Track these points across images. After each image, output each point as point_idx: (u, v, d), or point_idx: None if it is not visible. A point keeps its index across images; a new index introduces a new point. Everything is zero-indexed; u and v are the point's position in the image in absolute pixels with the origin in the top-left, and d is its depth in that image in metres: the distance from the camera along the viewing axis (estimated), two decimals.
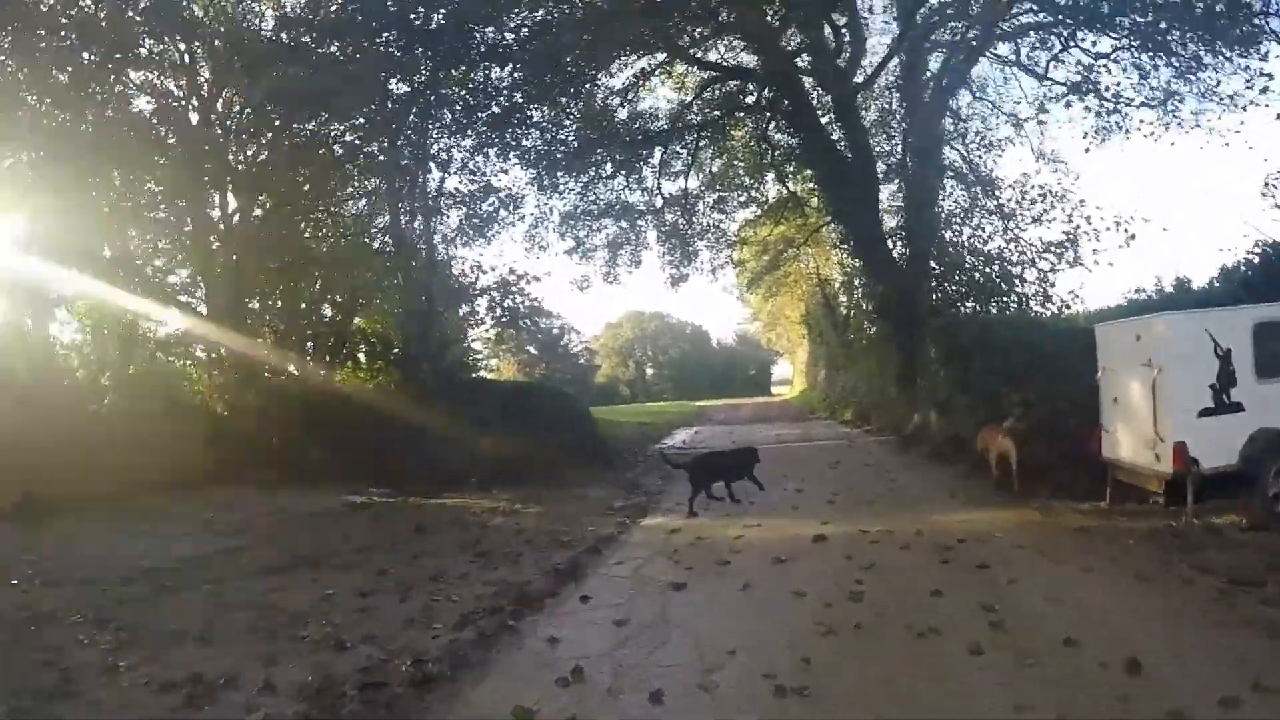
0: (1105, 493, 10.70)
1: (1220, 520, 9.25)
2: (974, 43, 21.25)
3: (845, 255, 29.29)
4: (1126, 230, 18.18)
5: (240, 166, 19.37)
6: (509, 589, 7.79)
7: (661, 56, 24.31)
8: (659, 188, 27.26)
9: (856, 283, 30.56)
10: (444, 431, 16.15)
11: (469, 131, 22.04)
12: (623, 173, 26.19)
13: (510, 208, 24.02)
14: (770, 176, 28.65)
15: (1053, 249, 19.11)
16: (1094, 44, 19.96)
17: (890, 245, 22.10)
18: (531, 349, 76.24)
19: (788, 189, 28.55)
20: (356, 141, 21.00)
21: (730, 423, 30.63)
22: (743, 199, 29.61)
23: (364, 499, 13.68)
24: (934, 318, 18.91)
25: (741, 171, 28.71)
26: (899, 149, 23.71)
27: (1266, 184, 15.79)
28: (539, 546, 9.80)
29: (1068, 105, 20.91)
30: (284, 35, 18.83)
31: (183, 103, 18.70)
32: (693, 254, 28.93)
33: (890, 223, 23.32)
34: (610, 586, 8.01)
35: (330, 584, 8.11)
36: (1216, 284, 14.34)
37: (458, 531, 10.99)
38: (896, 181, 24.02)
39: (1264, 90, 17.20)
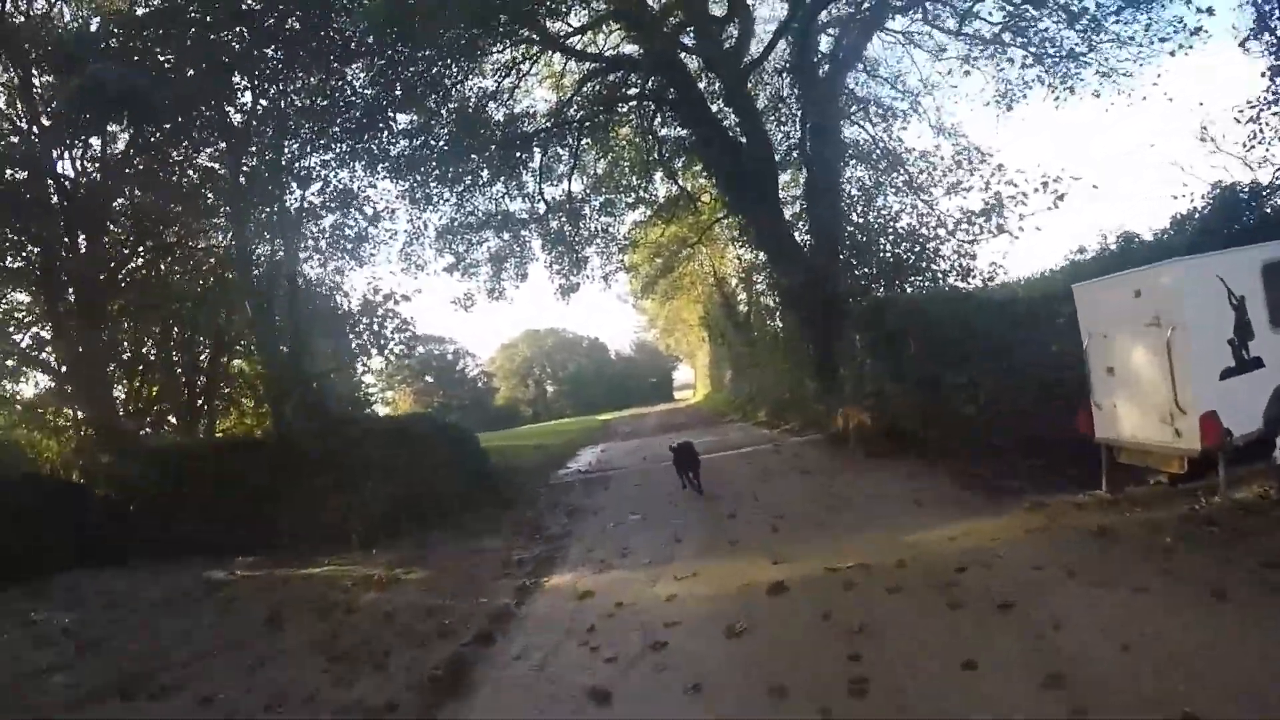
0: (1102, 479, 8.65)
1: (1244, 495, 7.40)
2: (867, 14, 19.51)
3: (744, 249, 27.43)
4: (1055, 192, 16.59)
5: (82, 193, 16.63)
6: None
7: (535, 50, 21.98)
8: (541, 193, 24.73)
9: (757, 277, 28.87)
10: (320, 482, 13.58)
11: (330, 144, 19.20)
12: (501, 179, 23.61)
13: (375, 223, 21.28)
14: (658, 175, 26.51)
15: (974, 218, 17.43)
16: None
17: (794, 233, 20.06)
18: (428, 378, 73.01)
19: (678, 185, 26.42)
20: (215, 166, 18.15)
21: (638, 434, 27.89)
22: (630, 200, 27.15)
23: (225, 574, 11.20)
24: (853, 302, 16.95)
25: (628, 170, 26.37)
26: (795, 133, 21.88)
27: (1204, 128, 14.40)
28: (414, 638, 7.06)
29: (992, 56, 19.26)
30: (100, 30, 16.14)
31: (21, 126, 16.24)
32: (582, 261, 26.34)
33: (791, 210, 21.34)
34: (505, 704, 5.43)
35: None
36: (1170, 234, 12.59)
37: (316, 620, 8.23)
38: (795, 167, 22.21)
39: (1196, 31, 15.84)
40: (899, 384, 13.72)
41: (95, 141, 17.44)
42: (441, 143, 21.04)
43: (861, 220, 19.38)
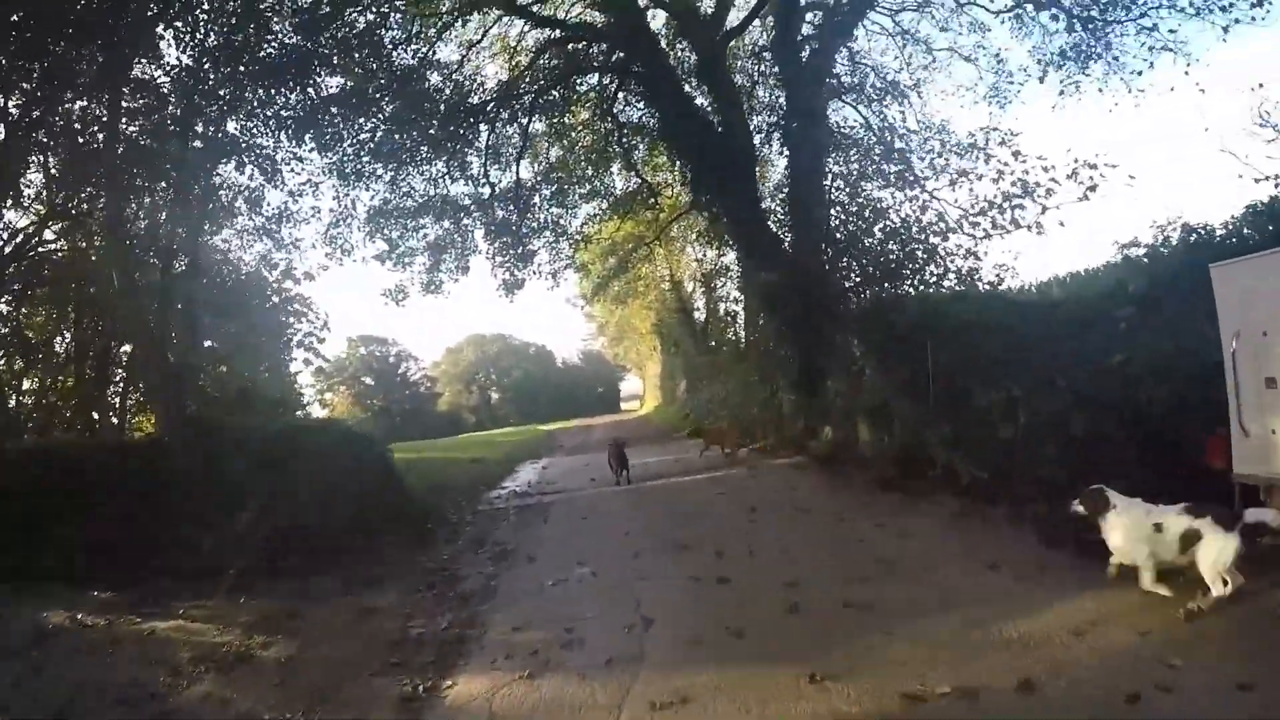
0: None
1: None
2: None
3: (708, 248, 24.71)
4: (1087, 181, 13.93)
5: None
6: None
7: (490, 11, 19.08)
8: (486, 176, 21.64)
9: (719, 281, 26.35)
10: (198, 502, 10.39)
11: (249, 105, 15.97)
12: (443, 158, 20.54)
13: (296, 197, 18.09)
14: (616, 166, 23.69)
15: (987, 210, 14.73)
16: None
17: (771, 227, 17.25)
18: (367, 379, 69.06)
19: (639, 177, 23.50)
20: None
21: (584, 449, 24.56)
22: (585, 191, 24.17)
23: (65, 619, 8.14)
24: (851, 303, 14.24)
25: (583, 159, 23.42)
26: (771, 118, 19.33)
27: (1262, 115, 12.01)
28: None
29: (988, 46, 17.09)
30: None
31: None
32: (529, 255, 23.12)
33: (765, 204, 18.55)
34: None
35: None
36: (1244, 227, 9.97)
37: None
38: (773, 155, 19.68)
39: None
40: (912, 400, 10.95)
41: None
42: (376, 111, 18.11)
43: (848, 215, 16.53)
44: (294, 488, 10.56)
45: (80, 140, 14.23)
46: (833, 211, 16.51)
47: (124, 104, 14.26)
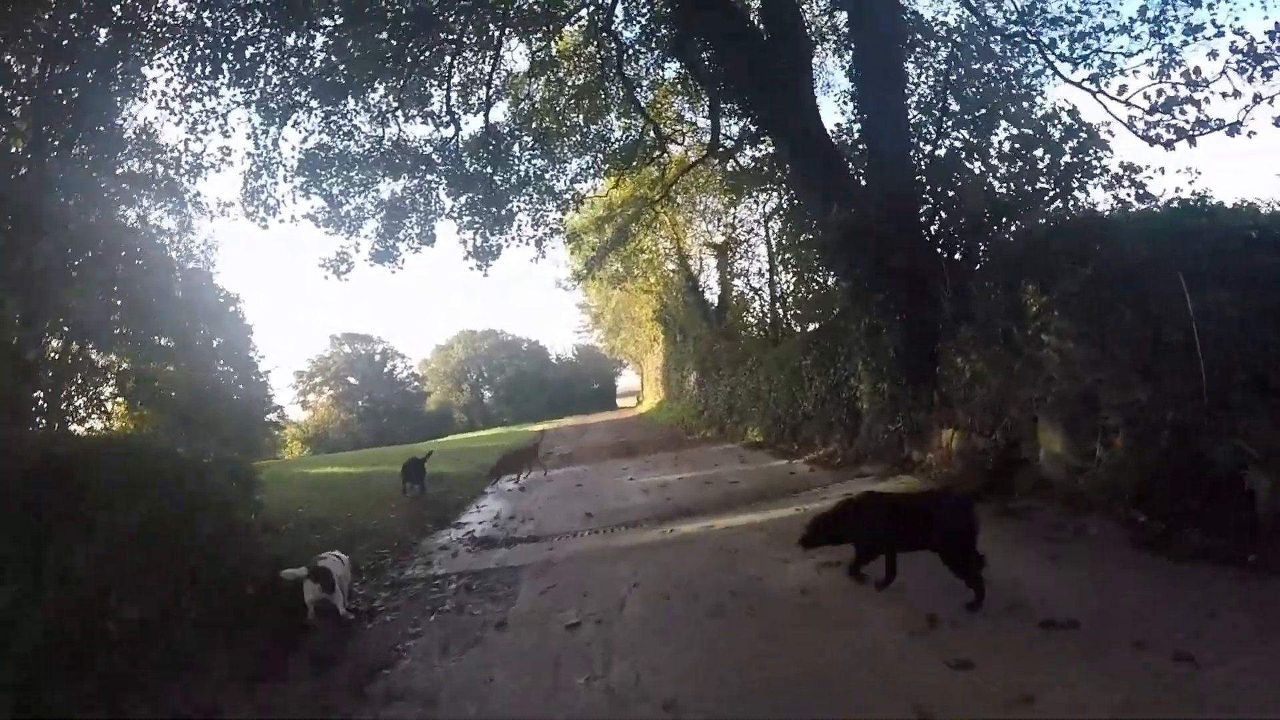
0: None
1: None
2: None
3: (733, 207, 19.84)
4: None
5: None
6: None
7: None
8: (449, 112, 16.70)
9: (738, 253, 21.65)
10: None
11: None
12: (393, 86, 15.70)
13: (199, 134, 13.45)
14: (614, 112, 18.78)
15: (1172, 102, 9.70)
16: None
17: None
18: (351, 379, 63.72)
19: (645, 117, 18.55)
20: None
21: (580, 458, 19.26)
22: (575, 141, 19.15)
23: None
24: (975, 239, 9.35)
25: (573, 104, 18.43)
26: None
27: None
28: None
29: None
30: None
31: None
32: (506, 217, 18.02)
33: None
34: None
35: None
36: None
37: None
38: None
39: None
40: (1156, 385, 6.05)
41: None
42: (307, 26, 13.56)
43: (939, 129, 11.46)
44: (65, 553, 5.73)
45: None
46: (923, 130, 11.54)
47: None
